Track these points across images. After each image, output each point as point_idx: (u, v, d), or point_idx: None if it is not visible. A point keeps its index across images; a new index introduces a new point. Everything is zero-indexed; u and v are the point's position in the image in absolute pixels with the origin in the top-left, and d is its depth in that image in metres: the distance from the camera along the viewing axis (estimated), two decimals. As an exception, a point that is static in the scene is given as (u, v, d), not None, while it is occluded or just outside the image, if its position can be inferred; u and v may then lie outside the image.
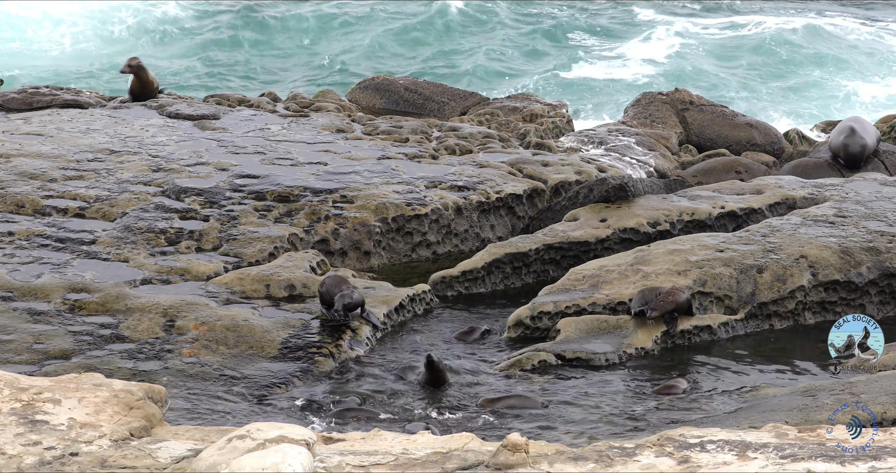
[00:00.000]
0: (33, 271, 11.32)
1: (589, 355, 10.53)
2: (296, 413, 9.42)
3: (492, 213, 13.58)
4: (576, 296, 11.33)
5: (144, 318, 10.63)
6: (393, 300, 11.34)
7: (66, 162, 13.82)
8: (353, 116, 16.35)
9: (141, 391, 6.82)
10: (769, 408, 9.11)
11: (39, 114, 15.92)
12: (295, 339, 10.50)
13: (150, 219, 12.47)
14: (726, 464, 6.04)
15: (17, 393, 6.70)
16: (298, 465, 5.71)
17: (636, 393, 9.94)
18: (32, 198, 12.82)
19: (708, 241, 12.04)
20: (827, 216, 12.56)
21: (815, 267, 11.66)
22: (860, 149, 15.59)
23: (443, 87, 18.98)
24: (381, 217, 12.90)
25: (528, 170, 14.33)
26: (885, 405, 8.80)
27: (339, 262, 12.55)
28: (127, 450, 6.31)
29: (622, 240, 12.77)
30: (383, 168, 14.04)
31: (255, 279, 11.35)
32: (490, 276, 12.34)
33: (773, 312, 11.47)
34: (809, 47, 31.24)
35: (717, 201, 13.35)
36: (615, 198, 13.26)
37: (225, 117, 15.98)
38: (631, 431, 9.07)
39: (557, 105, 18.21)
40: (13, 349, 10.10)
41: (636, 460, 6.17)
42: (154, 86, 17.00)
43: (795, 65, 30.37)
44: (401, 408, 9.59)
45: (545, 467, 6.11)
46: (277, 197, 13.08)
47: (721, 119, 17.79)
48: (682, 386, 9.97)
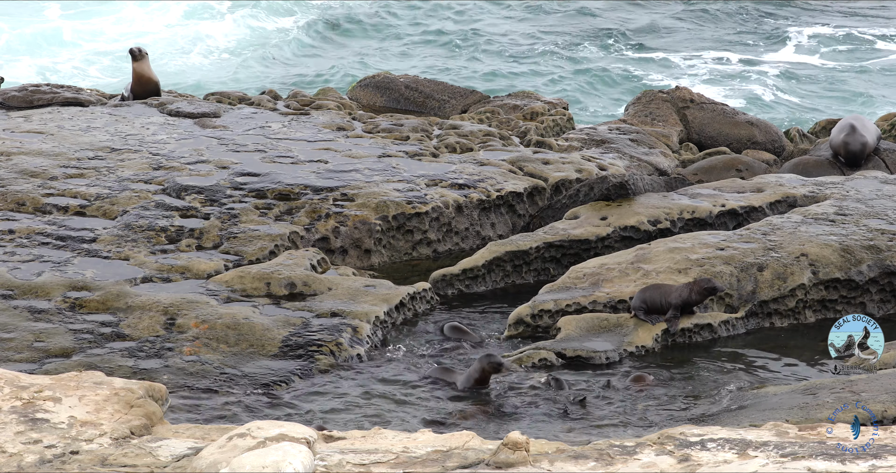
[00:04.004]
0: (34, 269, 11.32)
1: (589, 353, 10.52)
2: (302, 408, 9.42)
3: (492, 211, 13.58)
4: (576, 294, 11.33)
5: (145, 316, 10.63)
6: (393, 298, 11.33)
7: (67, 160, 13.83)
8: (354, 114, 16.35)
9: (141, 389, 6.82)
10: (770, 407, 9.11)
11: (40, 112, 15.93)
12: (295, 337, 10.49)
13: (150, 217, 12.47)
14: (727, 463, 6.04)
15: (17, 391, 6.70)
16: (299, 463, 5.71)
17: (636, 391, 9.93)
18: (33, 196, 12.82)
19: (708, 239, 12.04)
20: (827, 214, 12.56)
21: (815, 265, 11.66)
22: (861, 147, 15.59)
23: (443, 85, 18.98)
24: (382, 215, 12.89)
25: (528, 168, 14.33)
26: (885, 403, 8.79)
27: (340, 260, 12.55)
28: (127, 449, 6.31)
29: (623, 239, 12.77)
30: (384, 166, 14.04)
31: (255, 277, 11.35)
32: (491, 274, 12.34)
33: (774, 310, 11.47)
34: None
35: (718, 199, 13.35)
36: (616, 196, 13.26)
37: (225, 115, 15.98)
38: (632, 429, 9.07)
39: (558, 103, 18.21)
40: (13, 347, 10.10)
41: (636, 458, 6.17)
42: (154, 82, 16.99)
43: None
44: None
45: (546, 465, 6.11)
46: (278, 195, 13.08)
47: (722, 117, 17.79)
48: (647, 378, 10.01)
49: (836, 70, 32.71)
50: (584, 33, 35.48)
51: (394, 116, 16.35)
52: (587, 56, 33.73)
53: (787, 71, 32.20)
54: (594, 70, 32.29)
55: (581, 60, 33.22)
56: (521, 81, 30.93)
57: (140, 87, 16.85)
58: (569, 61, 33.24)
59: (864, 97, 30.40)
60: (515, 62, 33.35)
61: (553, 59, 33.29)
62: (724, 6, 38.08)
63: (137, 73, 16.88)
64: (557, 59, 33.40)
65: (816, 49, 34.58)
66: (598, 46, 34.64)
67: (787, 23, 37.08)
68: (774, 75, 31.76)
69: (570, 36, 35.24)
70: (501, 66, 32.90)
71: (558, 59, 33.33)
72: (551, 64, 32.95)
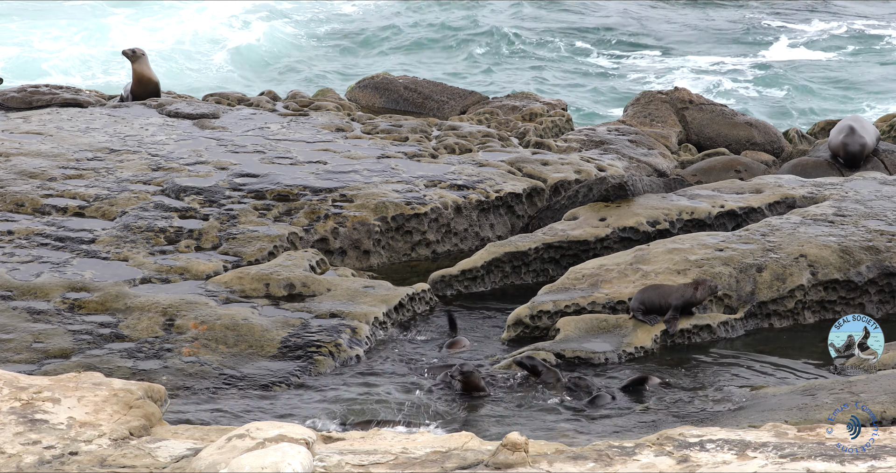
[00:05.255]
0: (33, 270, 11.32)
1: (588, 354, 10.52)
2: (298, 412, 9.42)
3: (491, 212, 13.58)
4: (575, 295, 11.33)
5: (144, 317, 10.63)
6: (392, 299, 11.33)
7: (66, 161, 13.82)
8: (353, 115, 16.36)
9: (140, 390, 6.82)
10: (769, 407, 9.11)
11: (39, 113, 15.93)
12: (294, 338, 10.49)
13: (149, 217, 12.47)
14: (726, 463, 6.04)
15: (16, 391, 6.70)
16: (298, 464, 5.71)
17: (635, 391, 9.93)
18: (32, 196, 12.82)
19: (707, 240, 12.04)
20: (826, 215, 12.56)
21: (814, 266, 11.66)
22: (860, 148, 15.59)
23: (442, 86, 18.99)
24: (381, 216, 12.89)
25: (527, 168, 14.33)
26: (884, 404, 8.79)
27: (339, 261, 12.55)
28: (126, 449, 6.31)
29: (622, 239, 12.77)
30: (383, 167, 14.04)
31: (254, 278, 11.35)
32: (489, 275, 12.34)
33: (773, 311, 11.47)
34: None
35: (717, 200, 13.35)
36: (615, 196, 13.26)
37: (224, 116, 15.98)
38: (631, 430, 9.07)
39: (556, 104, 18.22)
40: (12, 348, 10.10)
41: (636, 459, 6.16)
42: (154, 83, 16.99)
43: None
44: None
45: (545, 466, 6.10)
46: (277, 196, 13.08)
47: (721, 118, 17.80)
48: (653, 381, 9.98)
49: (828, 68, 32.80)
50: (576, 33, 35.53)
51: (393, 117, 16.35)
52: (584, 57, 33.76)
53: (777, 70, 32.28)
54: (590, 71, 32.34)
55: (575, 61, 33.27)
56: (520, 82, 30.96)
57: (140, 88, 16.85)
58: (566, 62, 33.27)
59: (859, 95, 30.46)
60: (515, 62, 33.37)
61: (549, 61, 33.34)
62: (717, 9, 38.20)
63: (138, 73, 16.88)
64: (553, 59, 33.44)
65: (810, 46, 34.69)
66: (593, 46, 34.70)
67: (777, 22, 37.20)
68: (763, 75, 31.84)
69: (564, 35, 35.29)
70: (501, 67, 32.93)
71: (554, 60, 33.37)
72: (548, 65, 32.98)
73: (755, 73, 31.85)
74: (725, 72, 32.05)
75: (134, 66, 16.87)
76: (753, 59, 33.28)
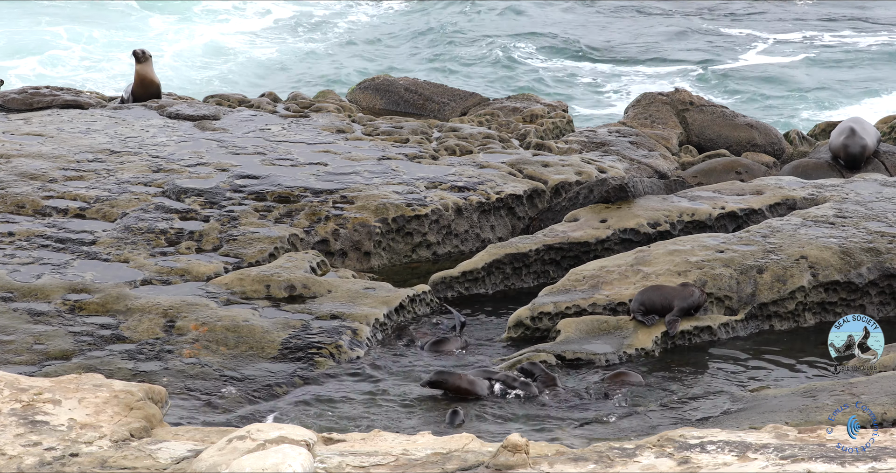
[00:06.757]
0: (33, 271, 11.32)
1: (589, 356, 10.52)
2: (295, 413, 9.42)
3: (492, 214, 13.58)
4: (576, 297, 11.33)
5: (144, 319, 10.63)
6: (393, 301, 11.33)
7: (67, 162, 13.83)
8: (354, 117, 16.36)
9: (141, 391, 6.82)
10: (769, 409, 9.11)
11: (40, 115, 15.93)
12: (295, 340, 10.49)
13: (150, 219, 12.47)
14: (726, 465, 6.04)
15: (17, 393, 6.70)
16: (298, 466, 5.71)
17: (636, 393, 9.93)
18: (33, 198, 12.82)
19: (708, 242, 12.04)
20: (827, 217, 12.56)
21: (815, 267, 11.66)
22: (860, 149, 15.60)
23: (443, 88, 18.99)
24: (382, 217, 12.90)
25: (528, 170, 14.33)
26: (885, 405, 8.79)
27: (340, 263, 12.55)
28: (127, 451, 6.31)
29: (622, 241, 12.77)
30: (383, 168, 14.05)
31: (255, 279, 11.35)
32: (490, 277, 12.34)
33: (774, 313, 11.47)
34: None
35: (718, 202, 13.35)
36: (615, 198, 13.26)
37: (225, 118, 15.99)
38: (631, 431, 9.07)
39: (557, 105, 18.22)
40: (13, 349, 10.10)
41: (636, 460, 6.17)
42: (156, 85, 17.00)
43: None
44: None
45: (545, 467, 6.11)
46: (278, 197, 13.09)
47: (721, 119, 17.79)
48: (634, 379, 9.98)
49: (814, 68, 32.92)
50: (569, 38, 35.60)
51: (393, 119, 16.35)
52: (579, 59, 33.83)
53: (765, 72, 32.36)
54: (584, 73, 32.41)
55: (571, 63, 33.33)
56: (520, 83, 30.98)
57: (142, 89, 16.86)
58: (563, 63, 33.31)
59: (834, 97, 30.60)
60: (513, 64, 33.39)
61: (545, 63, 33.40)
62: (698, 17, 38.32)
63: (140, 75, 16.89)
64: (549, 62, 33.50)
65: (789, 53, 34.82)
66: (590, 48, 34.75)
67: (755, 26, 37.37)
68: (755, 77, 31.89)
69: (556, 40, 35.35)
70: (501, 68, 32.94)
71: (550, 63, 33.43)
72: (543, 67, 33.04)
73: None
74: (704, 77, 32.26)
75: (138, 67, 16.88)
76: (730, 63, 33.48)
